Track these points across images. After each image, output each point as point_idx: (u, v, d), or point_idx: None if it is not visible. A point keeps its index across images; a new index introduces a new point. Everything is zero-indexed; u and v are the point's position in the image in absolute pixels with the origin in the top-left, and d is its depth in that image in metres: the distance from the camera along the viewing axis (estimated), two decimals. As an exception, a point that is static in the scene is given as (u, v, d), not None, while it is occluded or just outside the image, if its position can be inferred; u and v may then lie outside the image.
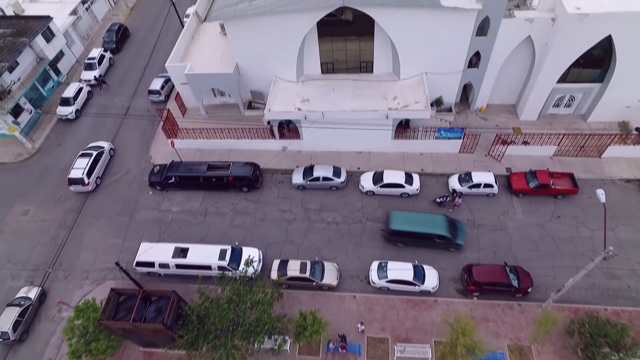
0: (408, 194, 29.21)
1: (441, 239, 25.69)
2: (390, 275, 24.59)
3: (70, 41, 42.32)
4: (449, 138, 30.57)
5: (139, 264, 26.30)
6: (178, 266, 25.97)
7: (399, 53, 29.26)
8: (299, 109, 29.66)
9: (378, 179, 29.28)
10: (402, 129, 31.65)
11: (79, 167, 31.37)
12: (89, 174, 31.30)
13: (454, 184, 29.04)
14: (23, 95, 35.69)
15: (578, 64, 28.92)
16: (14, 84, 34.97)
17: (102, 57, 41.28)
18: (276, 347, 21.31)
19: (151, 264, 26.18)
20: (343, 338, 22.93)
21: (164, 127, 32.63)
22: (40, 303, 26.53)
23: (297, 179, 30.28)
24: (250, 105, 35.07)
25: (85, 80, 39.87)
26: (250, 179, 29.96)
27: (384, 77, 31.35)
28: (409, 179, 29.13)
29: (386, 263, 25.29)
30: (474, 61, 30.36)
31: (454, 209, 28.40)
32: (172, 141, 31.80)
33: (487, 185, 28.37)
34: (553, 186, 27.86)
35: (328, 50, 30.95)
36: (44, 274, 26.35)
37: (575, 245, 26.28)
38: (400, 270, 24.69)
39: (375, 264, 25.54)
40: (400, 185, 28.88)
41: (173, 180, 30.53)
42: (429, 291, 24.68)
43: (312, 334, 20.94)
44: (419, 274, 24.71)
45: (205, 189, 30.95)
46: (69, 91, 37.57)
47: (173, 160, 31.61)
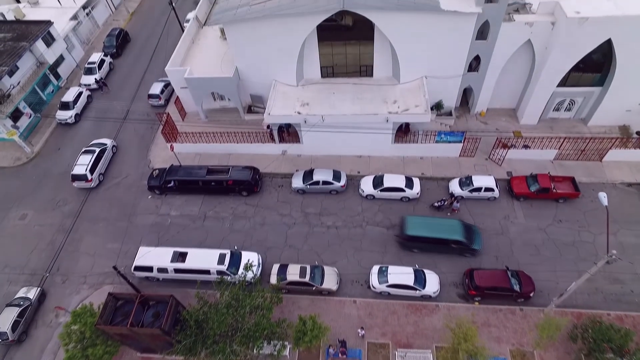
0: (408, 198, 29.05)
1: (457, 244, 25.35)
2: (391, 280, 24.35)
3: (71, 46, 42.39)
4: (449, 142, 30.47)
5: (137, 268, 26.06)
6: (177, 271, 25.70)
7: (398, 57, 29.26)
8: (299, 113, 29.59)
9: (378, 182, 29.13)
10: (402, 133, 31.57)
11: (82, 164, 31.69)
12: (91, 170, 31.57)
13: (455, 188, 28.88)
14: (23, 100, 35.65)
15: (578, 68, 28.92)
16: (14, 88, 34.95)
17: (102, 62, 41.33)
18: (275, 353, 21.06)
19: (149, 269, 25.93)
20: (343, 343, 22.65)
21: (164, 131, 32.55)
22: (40, 303, 26.38)
23: (297, 182, 30.13)
24: (250, 110, 35.02)
25: (85, 85, 39.87)
26: (249, 183, 29.81)
27: (384, 81, 31.31)
28: (410, 183, 28.98)
29: (386, 267, 25.06)
30: (474, 65, 30.35)
31: (452, 213, 28.22)
32: (172, 145, 31.70)
33: (488, 189, 28.22)
34: (554, 190, 27.70)
35: (328, 54, 30.96)
36: (41, 279, 26.06)
37: (577, 249, 26.07)
38: (400, 274, 24.45)
39: (375, 268, 25.31)
40: (401, 189, 28.73)
41: (172, 184, 30.37)
42: (430, 296, 24.44)
43: (312, 339, 20.71)
44: (420, 279, 24.48)
45: (205, 193, 30.79)
46: (69, 95, 37.55)
47: (172, 164, 31.49)
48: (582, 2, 26.20)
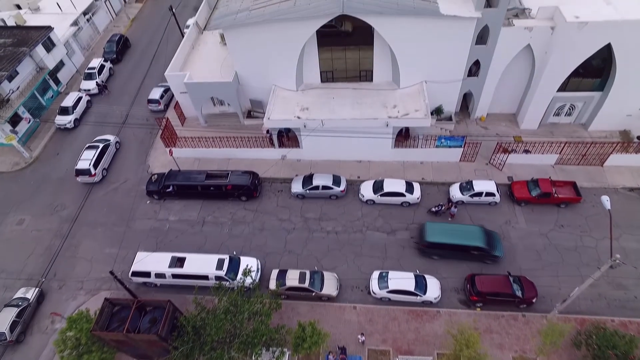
0: (409, 202, 28.84)
1: (478, 251, 24.98)
2: (391, 285, 24.05)
3: (71, 51, 42.46)
4: (450, 146, 30.33)
5: (135, 273, 25.77)
6: (174, 276, 25.42)
7: (398, 62, 29.23)
8: (298, 117, 29.50)
9: (378, 187, 28.94)
10: (402, 137, 31.46)
11: (86, 159, 32.05)
12: (95, 165, 31.89)
13: (455, 193, 28.70)
14: (22, 105, 35.59)
15: (578, 73, 28.89)
16: (13, 92, 34.90)
17: (102, 67, 41.37)
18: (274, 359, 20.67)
19: (147, 274, 25.64)
20: (343, 350, 22.29)
21: (163, 136, 32.44)
22: (39, 304, 26.23)
23: (297, 187, 29.94)
24: (249, 114, 34.94)
25: (85, 90, 39.86)
26: (249, 188, 29.62)
27: (384, 86, 31.27)
28: (410, 188, 28.78)
29: (387, 273, 24.78)
30: (474, 70, 30.34)
31: (450, 218, 27.98)
32: (171, 150, 31.59)
33: (489, 194, 28.01)
34: (555, 195, 27.51)
35: (327, 59, 30.96)
36: (37, 284, 25.77)
37: (580, 254, 25.80)
38: (401, 280, 24.16)
39: (375, 274, 25.02)
40: (401, 194, 28.52)
41: (171, 189, 30.16)
42: (431, 302, 24.12)
43: (311, 346, 20.34)
44: (421, 284, 24.18)
45: (204, 198, 30.59)
46: (68, 100, 37.52)
47: (171, 169, 31.33)
48: (582, 7, 26.25)
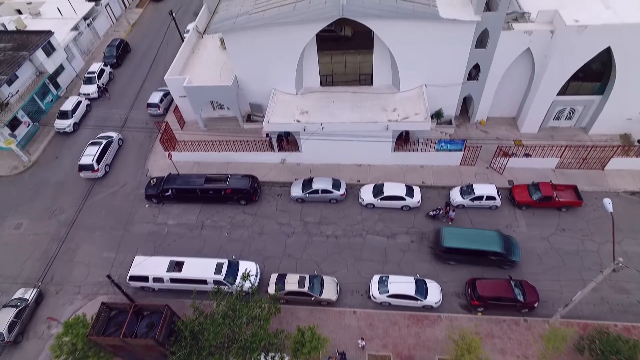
0: (409, 206, 28.67)
1: (496, 256, 24.70)
2: (392, 290, 23.81)
3: (71, 56, 42.53)
4: (450, 150, 30.23)
5: (133, 278, 25.52)
6: (173, 280, 25.17)
7: (398, 65, 29.21)
8: (298, 121, 29.42)
9: (378, 191, 28.78)
10: (402, 141, 31.35)
11: (89, 154, 32.56)
12: (98, 161, 32.39)
13: (456, 197, 28.54)
14: (21, 108, 35.53)
15: (577, 78, 28.87)
16: (12, 96, 34.86)
17: (102, 72, 41.39)
18: (273, 365, 20.41)
19: (145, 278, 25.39)
20: (343, 355, 22.00)
21: (162, 140, 32.33)
22: (37, 304, 26.13)
23: (296, 191, 29.78)
24: (249, 118, 34.87)
25: (85, 94, 39.85)
26: (248, 192, 29.46)
27: (384, 90, 31.23)
28: (410, 192, 28.62)
29: (387, 277, 24.54)
30: (474, 74, 30.32)
31: (449, 222, 27.80)
32: (170, 153, 31.48)
33: (490, 198, 27.86)
34: (557, 198, 27.35)
35: (327, 63, 30.95)
36: (33, 288, 25.54)
37: (582, 258, 25.59)
38: (401, 284, 23.92)
39: (376, 278, 24.78)
40: (401, 198, 28.36)
41: (170, 192, 29.99)
42: (432, 306, 23.86)
43: (311, 351, 20.06)
44: (421, 289, 23.94)
45: (203, 202, 30.42)
46: (68, 104, 37.48)
47: (170, 173, 31.18)
48: (581, 11, 26.31)
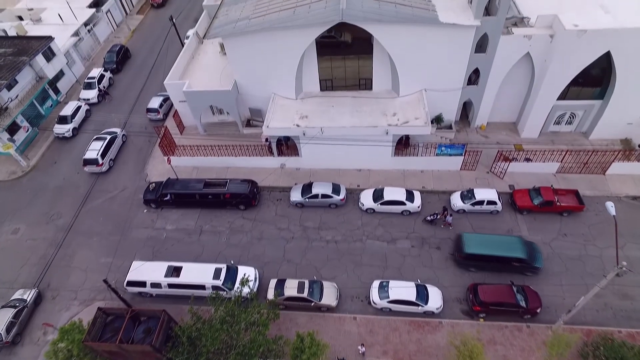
0: (409, 211, 28.45)
1: (519, 262, 24.34)
2: (392, 295, 23.51)
3: (71, 61, 42.60)
4: (450, 155, 30.09)
5: (130, 283, 25.23)
6: (170, 286, 24.88)
7: (398, 70, 29.20)
8: (298, 125, 29.33)
9: (378, 196, 28.58)
10: (402, 146, 31.24)
11: (94, 149, 33.00)
12: (103, 155, 32.86)
13: (456, 201, 28.35)
14: (20, 113, 35.46)
15: (577, 83, 28.82)
16: (11, 101, 34.82)
17: (102, 77, 41.43)
18: (272, 371, 20.06)
19: (142, 284, 25.09)
20: (343, 362, 21.67)
21: (161, 144, 32.22)
22: (36, 305, 25.99)
23: (296, 196, 29.58)
24: (248, 123, 34.79)
25: (84, 99, 39.85)
26: (247, 197, 29.26)
27: (384, 94, 31.20)
28: (410, 196, 28.43)
29: (387, 282, 24.26)
30: (473, 78, 30.29)
31: (447, 228, 27.59)
32: (169, 158, 31.34)
33: (491, 203, 27.66)
34: (558, 203, 27.15)
35: (327, 67, 30.96)
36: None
37: (584, 263, 25.32)
38: (402, 289, 23.62)
39: (376, 283, 24.49)
40: (402, 203, 28.16)
41: (168, 197, 29.80)
42: (433, 312, 23.54)
43: (310, 357, 19.68)
44: (422, 294, 23.64)
45: (201, 206, 30.21)
46: (67, 109, 37.45)
47: (169, 178, 31.02)
48: (580, 15, 26.33)
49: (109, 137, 34.10)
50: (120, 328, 19.70)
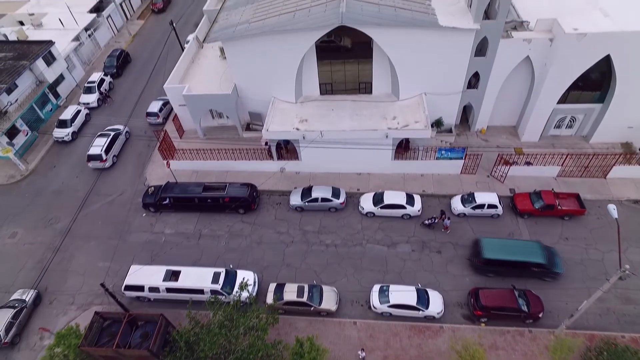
0: (409, 215, 28.28)
1: (539, 268, 24.05)
2: (393, 300, 23.27)
3: (72, 66, 42.68)
4: (450, 158, 29.99)
5: (128, 287, 25.00)
6: (169, 290, 24.64)
7: (397, 73, 29.19)
8: (297, 129, 29.26)
9: (378, 200, 28.43)
10: (402, 149, 31.14)
11: (98, 145, 33.64)
12: (106, 152, 33.51)
13: (457, 205, 28.20)
14: (20, 117, 35.42)
15: (577, 87, 28.78)
16: (11, 105, 34.80)
17: (102, 81, 41.47)
18: (271, 377, 19.76)
19: (141, 288, 24.86)
20: (343, 367, 21.38)
21: (160, 148, 32.13)
22: (35, 306, 25.87)
23: (295, 200, 29.43)
24: (248, 127, 34.75)
25: (84, 103, 39.85)
26: (246, 200, 29.11)
27: (383, 98, 31.17)
28: (410, 200, 28.27)
29: (388, 286, 24.03)
30: (473, 82, 30.27)
31: (444, 231, 27.40)
32: (168, 162, 31.25)
33: (491, 206, 27.51)
34: (559, 207, 26.99)
35: (327, 71, 30.96)
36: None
37: (586, 267, 25.10)
38: (402, 293, 23.39)
39: (376, 288, 24.25)
40: (402, 207, 28.00)
41: (167, 201, 29.65)
42: (434, 316, 23.29)
43: (309, 362, 19.44)
44: (423, 298, 23.40)
45: (200, 210, 30.05)
46: (67, 113, 37.43)
47: (168, 181, 30.89)
48: (580, 19, 26.36)
49: (112, 134, 34.65)
50: (117, 332, 19.48)
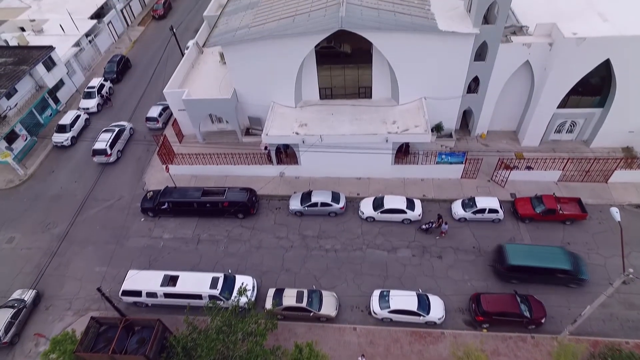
0: (410, 220, 28.08)
1: (564, 274, 23.66)
2: (393, 305, 22.98)
3: (72, 71, 42.74)
4: (451, 163, 29.85)
5: (125, 292, 24.70)
6: (167, 295, 24.36)
7: (397, 78, 29.18)
8: (297, 133, 29.18)
9: (378, 204, 28.24)
10: (402, 154, 31.03)
11: (103, 140, 34.24)
12: (111, 146, 34.06)
13: (457, 210, 28.01)
14: (19, 122, 35.36)
15: (577, 91, 28.75)
16: (10, 109, 34.76)
17: (102, 86, 41.47)
18: (269, 383, 19.40)
19: (138, 293, 24.57)
20: (342, 374, 21.03)
21: (160, 153, 32.02)
22: (35, 305, 25.89)
23: (295, 204, 29.24)
24: (247, 132, 34.69)
25: (84, 108, 39.84)
26: (245, 205, 28.92)
27: (383, 102, 31.14)
28: (411, 205, 28.09)
29: (388, 292, 23.75)
30: (473, 87, 30.24)
31: (441, 236, 27.19)
32: (167, 166, 31.10)
33: (492, 211, 27.31)
34: (560, 211, 26.80)
35: (326, 76, 30.97)
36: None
37: (588, 272, 24.77)
38: (403, 299, 23.11)
39: (376, 293, 23.97)
40: (402, 211, 27.80)
41: (166, 206, 29.45)
42: (435, 322, 22.98)
43: (309, 369, 19.12)
44: (424, 304, 23.11)
45: (199, 215, 29.85)
46: (66, 118, 37.37)
47: (167, 186, 30.72)
48: (579, 24, 26.41)
49: (117, 129, 35.16)
50: (113, 338, 19.21)
